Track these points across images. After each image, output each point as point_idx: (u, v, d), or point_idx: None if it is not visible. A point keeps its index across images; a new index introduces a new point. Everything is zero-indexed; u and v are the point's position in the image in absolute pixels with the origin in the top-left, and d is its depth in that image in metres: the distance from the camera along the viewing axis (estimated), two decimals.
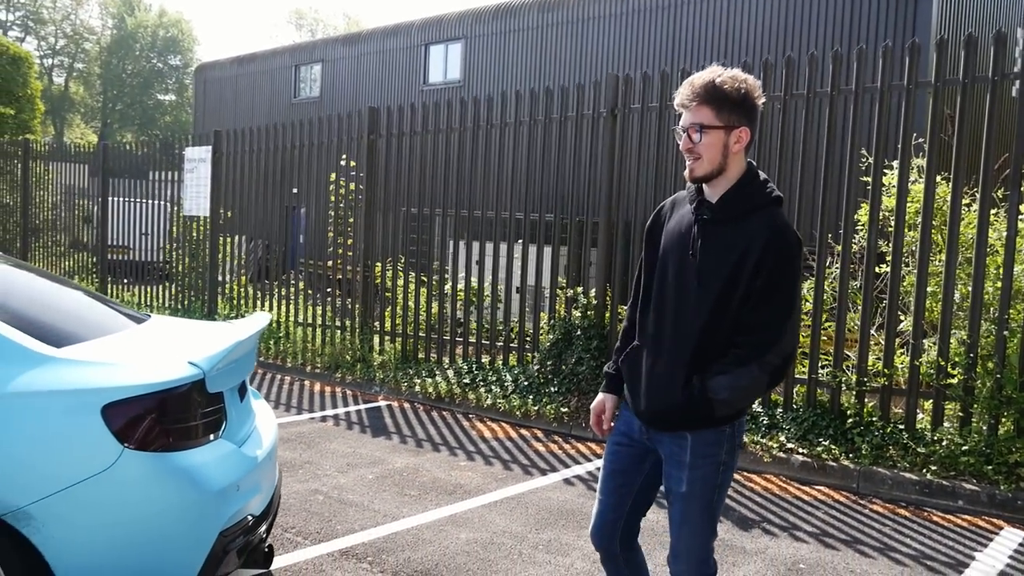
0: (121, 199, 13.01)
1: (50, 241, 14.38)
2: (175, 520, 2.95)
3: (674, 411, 2.53)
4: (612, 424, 2.83)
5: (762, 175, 2.56)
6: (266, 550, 3.42)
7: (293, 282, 10.36)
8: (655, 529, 4.53)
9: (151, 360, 3.11)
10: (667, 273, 2.59)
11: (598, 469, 5.99)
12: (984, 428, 5.66)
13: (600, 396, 2.86)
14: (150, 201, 12.64)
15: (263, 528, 3.39)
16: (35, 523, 2.74)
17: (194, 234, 11.54)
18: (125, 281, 13.10)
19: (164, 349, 3.35)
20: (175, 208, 12.12)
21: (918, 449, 5.69)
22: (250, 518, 3.24)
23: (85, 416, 2.83)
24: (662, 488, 2.70)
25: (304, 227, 11.31)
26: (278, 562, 4.05)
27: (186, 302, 11.70)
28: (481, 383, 7.91)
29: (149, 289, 12.45)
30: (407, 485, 5.43)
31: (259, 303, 10.68)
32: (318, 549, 4.27)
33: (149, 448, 2.89)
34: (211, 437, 3.13)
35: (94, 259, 13.72)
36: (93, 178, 13.95)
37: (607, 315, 7.43)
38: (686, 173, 2.55)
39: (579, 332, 7.39)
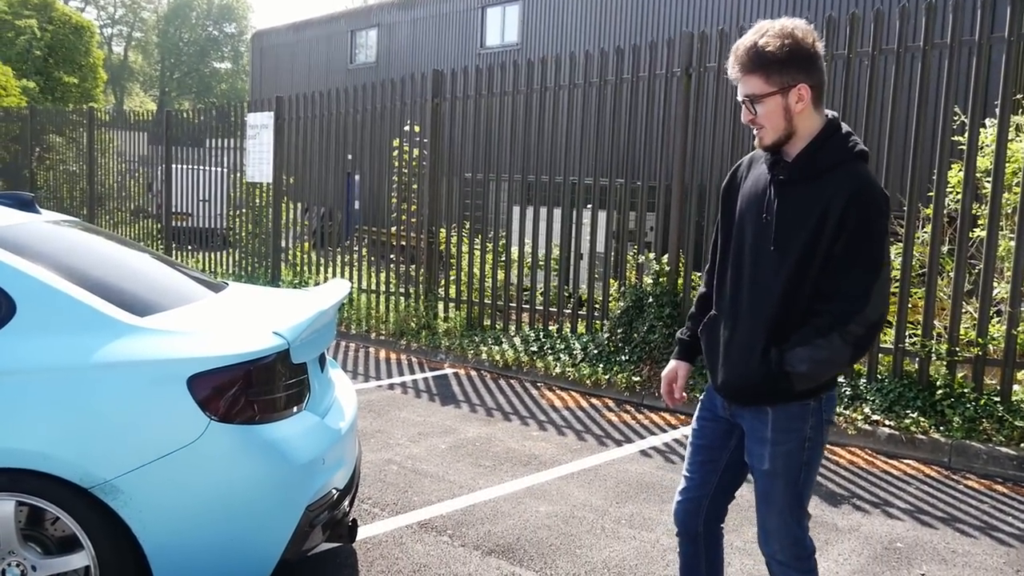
0: (183, 166, 13.08)
1: (113, 208, 14.55)
2: (262, 494, 2.87)
3: (751, 385, 2.38)
4: (684, 394, 2.73)
5: (845, 128, 2.36)
6: (350, 524, 3.33)
7: (356, 248, 10.30)
8: (741, 504, 4.36)
9: (235, 330, 3.02)
10: (744, 237, 2.43)
11: (675, 440, 5.84)
12: None
13: (672, 363, 2.75)
14: (209, 168, 12.67)
15: (346, 502, 3.31)
16: (122, 497, 2.68)
17: (257, 200, 11.54)
18: (189, 248, 13.21)
19: (247, 319, 3.26)
20: (234, 175, 12.14)
21: (1015, 422, 5.41)
22: (335, 492, 3.16)
23: (171, 387, 2.76)
24: None
25: (359, 193, 11.21)
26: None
27: (249, 268, 11.74)
28: (549, 351, 7.77)
29: (212, 255, 12.52)
30: (481, 455, 5.33)
31: (322, 270, 10.66)
32: (396, 521, 4.19)
33: (235, 420, 2.81)
34: (295, 409, 3.04)
35: (158, 226, 13.86)
36: (153, 146, 14.06)
37: (680, 282, 7.21)
38: (755, 142, 2.39)
39: (651, 299, 7.18)
